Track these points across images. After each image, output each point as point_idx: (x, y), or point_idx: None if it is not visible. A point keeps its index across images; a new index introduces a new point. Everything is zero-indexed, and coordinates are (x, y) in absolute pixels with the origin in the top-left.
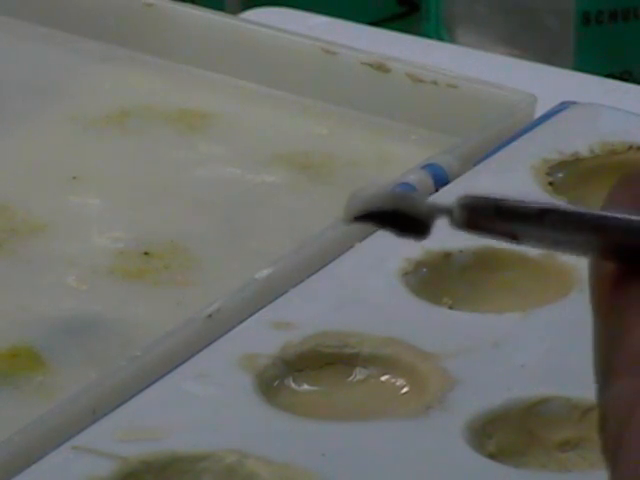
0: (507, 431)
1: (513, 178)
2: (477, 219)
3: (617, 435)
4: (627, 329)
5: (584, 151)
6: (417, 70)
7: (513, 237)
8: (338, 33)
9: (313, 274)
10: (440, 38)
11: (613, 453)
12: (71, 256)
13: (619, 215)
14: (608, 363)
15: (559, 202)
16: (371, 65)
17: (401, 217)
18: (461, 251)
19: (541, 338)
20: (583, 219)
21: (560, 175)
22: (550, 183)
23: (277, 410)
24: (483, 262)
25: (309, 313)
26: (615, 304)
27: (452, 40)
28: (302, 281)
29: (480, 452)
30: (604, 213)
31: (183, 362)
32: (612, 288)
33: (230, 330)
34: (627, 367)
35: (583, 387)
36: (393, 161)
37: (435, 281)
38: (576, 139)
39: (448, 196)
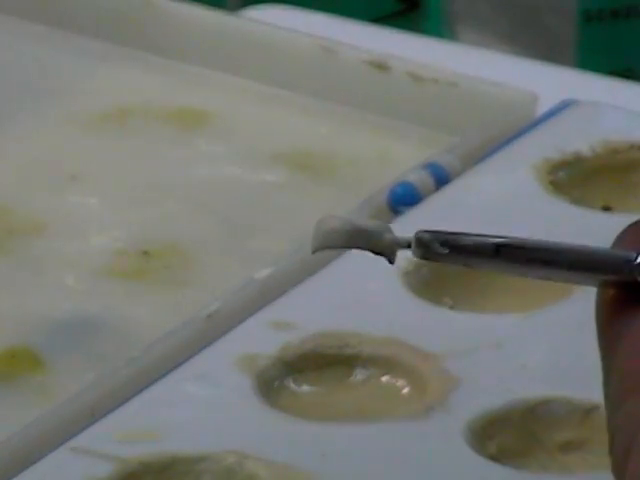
0: (508, 432)
1: (514, 177)
2: (433, 255)
3: (625, 451)
4: (628, 355)
5: (586, 150)
6: (417, 68)
7: (471, 268)
8: (338, 31)
9: (313, 274)
10: (441, 36)
11: (621, 469)
12: (70, 256)
13: (576, 247)
14: (615, 387)
15: (517, 237)
16: (371, 63)
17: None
18: None
19: (542, 339)
20: (536, 253)
21: (561, 174)
22: (551, 182)
23: (277, 411)
24: None
25: (309, 313)
26: (614, 330)
27: (453, 38)
28: (302, 281)
29: (481, 453)
30: (559, 246)
31: (183, 362)
32: (612, 314)
33: (230, 330)
34: (633, 388)
35: (585, 388)
36: (393, 160)
37: (436, 281)
38: (577, 138)
39: (448, 196)
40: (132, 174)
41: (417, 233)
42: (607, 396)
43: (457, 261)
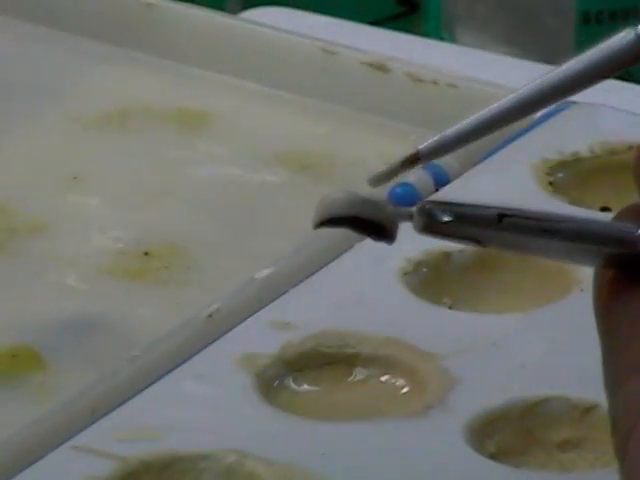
0: (507, 431)
1: (513, 178)
2: (435, 224)
3: (627, 432)
4: (627, 337)
5: (584, 151)
6: (417, 70)
7: (475, 241)
8: (338, 33)
9: (313, 274)
10: (440, 38)
11: (622, 451)
12: (71, 256)
13: (577, 218)
14: (614, 369)
15: (522, 208)
16: (371, 65)
17: (363, 222)
18: (461, 251)
19: (541, 338)
20: (540, 222)
21: (560, 175)
22: (550, 183)
23: (277, 410)
24: (483, 262)
25: (309, 313)
26: (613, 312)
27: (452, 40)
28: (302, 281)
29: (480, 452)
30: (562, 216)
31: (183, 362)
32: (610, 295)
33: (230, 330)
34: (632, 370)
35: (583, 387)
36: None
37: (435, 281)
38: (576, 139)
39: (447, 196)
40: (133, 175)
41: (419, 202)
42: (607, 378)
43: (459, 232)
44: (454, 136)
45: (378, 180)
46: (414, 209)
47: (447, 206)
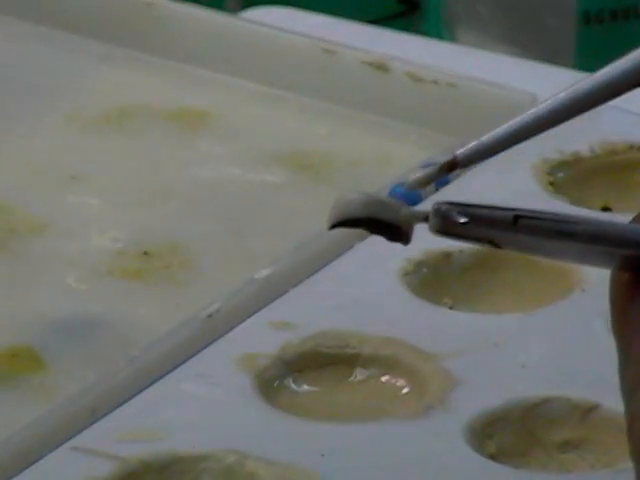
0: (507, 432)
1: (514, 178)
2: (451, 226)
3: None
4: None
5: (585, 151)
6: (417, 69)
7: (490, 243)
8: (338, 32)
9: (313, 274)
10: (440, 37)
11: (638, 453)
12: (71, 256)
13: (593, 220)
14: (631, 373)
15: (537, 209)
16: (371, 64)
17: (379, 224)
18: (461, 251)
19: (542, 339)
20: (556, 224)
21: (561, 175)
22: (551, 183)
23: (277, 410)
24: (483, 262)
25: (309, 313)
26: (630, 315)
27: (452, 39)
28: (302, 281)
29: (480, 453)
30: (578, 218)
31: (183, 362)
32: (628, 297)
33: (230, 330)
34: None
35: (584, 388)
36: (393, 161)
37: (435, 281)
38: (577, 139)
39: (448, 196)
40: (132, 174)
41: (435, 204)
42: (623, 382)
43: (475, 233)
44: (491, 142)
45: (415, 185)
46: (430, 210)
47: (463, 207)
